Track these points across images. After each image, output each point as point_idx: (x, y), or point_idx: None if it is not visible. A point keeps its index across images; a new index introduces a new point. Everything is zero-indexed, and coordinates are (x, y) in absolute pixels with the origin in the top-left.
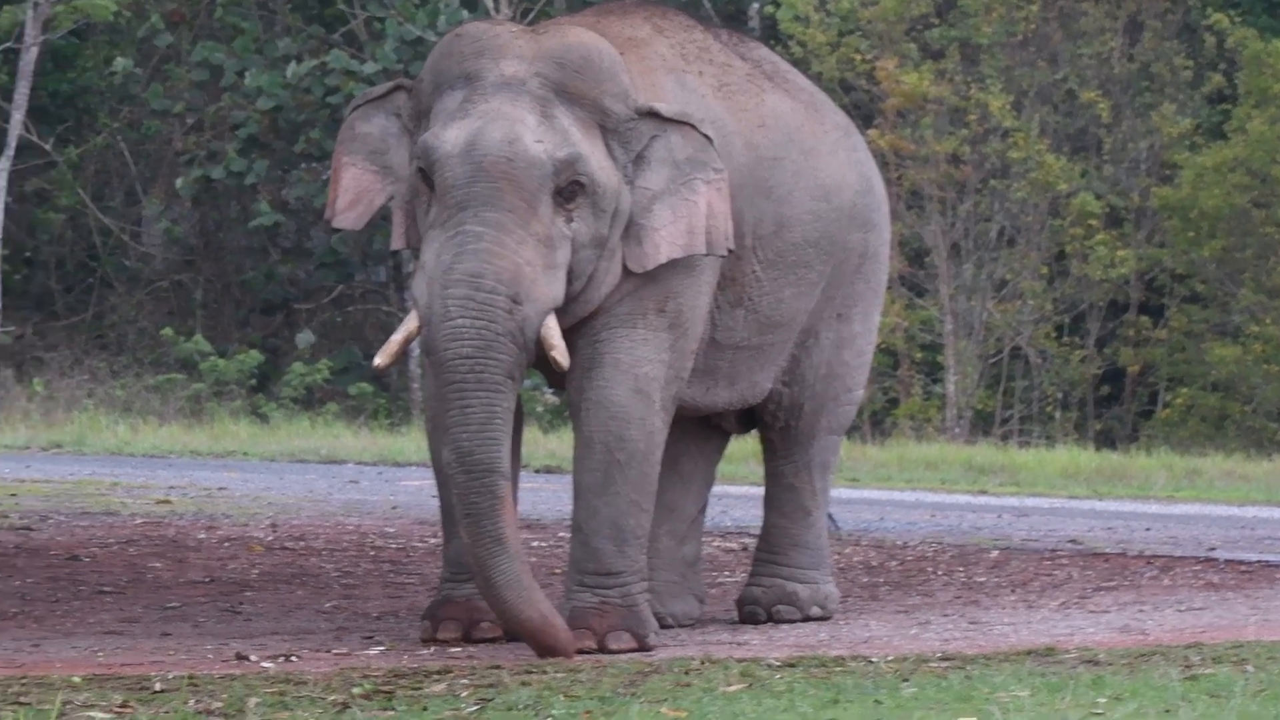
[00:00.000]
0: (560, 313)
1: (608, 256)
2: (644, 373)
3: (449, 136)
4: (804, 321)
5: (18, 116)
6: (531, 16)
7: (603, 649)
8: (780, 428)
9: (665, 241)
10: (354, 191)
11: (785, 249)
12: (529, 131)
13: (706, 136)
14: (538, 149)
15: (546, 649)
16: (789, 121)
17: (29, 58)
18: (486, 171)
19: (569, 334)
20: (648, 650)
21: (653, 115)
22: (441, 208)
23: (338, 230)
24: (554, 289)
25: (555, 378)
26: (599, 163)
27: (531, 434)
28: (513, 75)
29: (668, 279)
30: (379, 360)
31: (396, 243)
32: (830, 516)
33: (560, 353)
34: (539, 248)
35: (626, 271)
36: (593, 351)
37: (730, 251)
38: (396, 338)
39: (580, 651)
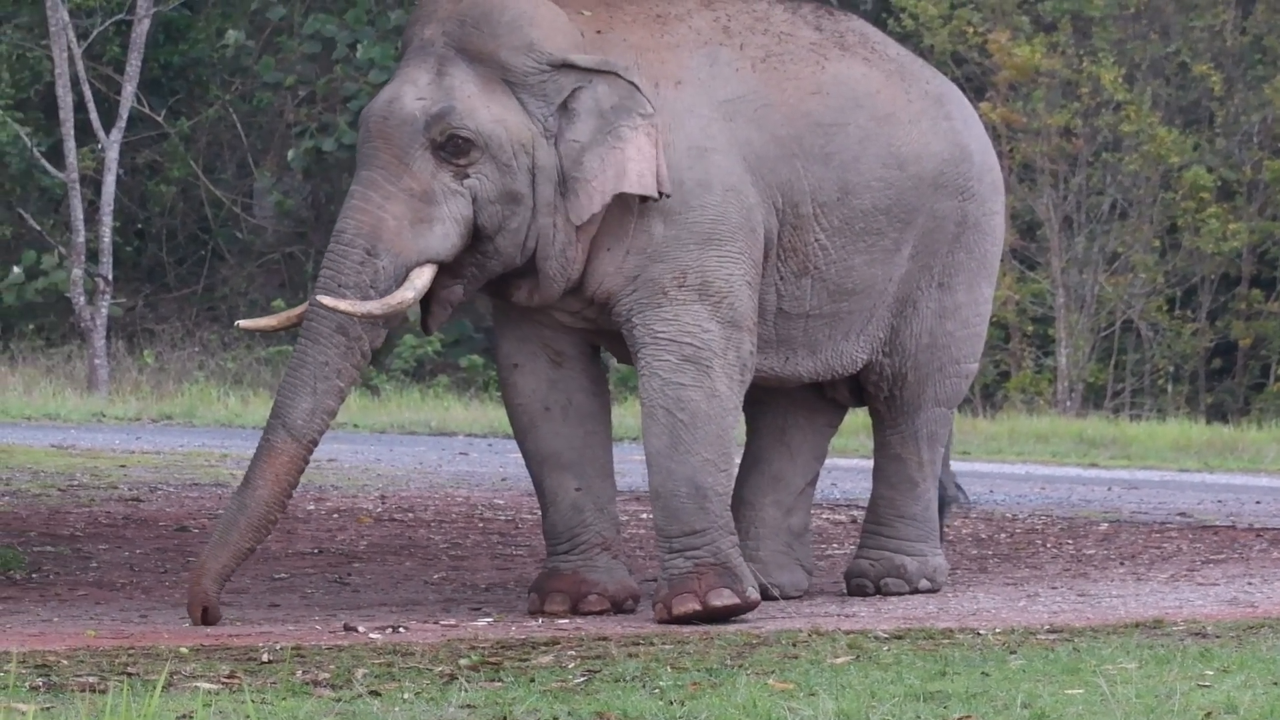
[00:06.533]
0: (524, 279)
1: (547, 213)
2: (689, 342)
3: (368, 106)
4: (895, 290)
5: (130, 89)
6: None
7: (706, 608)
8: (885, 398)
9: (597, 191)
10: None
11: (853, 216)
12: (414, 90)
13: (632, 83)
14: (414, 106)
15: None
16: (858, 88)
17: (141, 30)
18: (370, 132)
19: (596, 323)
20: (750, 604)
21: (569, 67)
22: None
23: None
24: (423, 242)
25: (627, 356)
26: (491, 116)
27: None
28: (428, 38)
29: (677, 256)
30: (243, 323)
31: None
32: (959, 487)
33: (397, 296)
34: (411, 202)
35: (620, 251)
36: (632, 335)
37: (665, 196)
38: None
39: (684, 619)
